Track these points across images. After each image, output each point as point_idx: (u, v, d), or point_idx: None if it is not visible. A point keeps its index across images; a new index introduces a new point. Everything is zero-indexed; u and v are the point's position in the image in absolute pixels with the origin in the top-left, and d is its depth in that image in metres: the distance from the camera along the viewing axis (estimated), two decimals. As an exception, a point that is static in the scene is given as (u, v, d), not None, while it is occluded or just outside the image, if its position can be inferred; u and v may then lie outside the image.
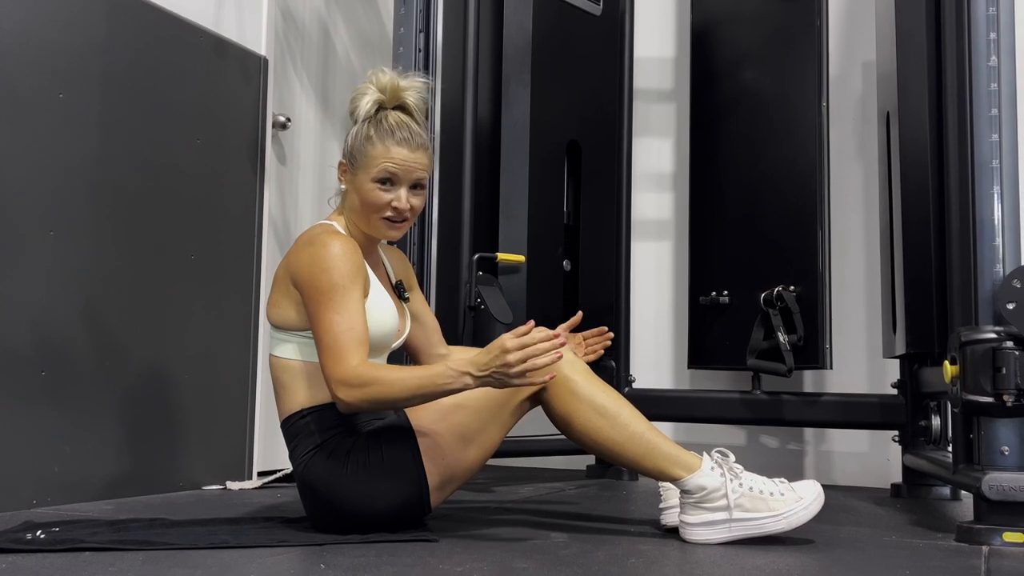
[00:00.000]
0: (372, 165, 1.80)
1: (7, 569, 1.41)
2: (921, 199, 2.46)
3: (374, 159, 1.80)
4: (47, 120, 2.16)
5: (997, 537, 1.80)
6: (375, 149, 1.80)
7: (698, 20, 3.13)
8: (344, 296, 1.70)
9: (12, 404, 2.06)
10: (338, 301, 1.70)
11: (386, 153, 1.79)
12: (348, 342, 1.68)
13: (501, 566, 1.49)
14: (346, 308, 1.70)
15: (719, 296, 2.97)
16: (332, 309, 1.70)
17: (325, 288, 1.70)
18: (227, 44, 2.69)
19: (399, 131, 1.81)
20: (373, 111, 1.84)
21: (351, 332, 1.69)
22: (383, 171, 1.79)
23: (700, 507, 1.75)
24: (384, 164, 1.79)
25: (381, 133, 1.81)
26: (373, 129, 1.82)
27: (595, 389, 1.78)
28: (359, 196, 1.82)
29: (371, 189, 1.80)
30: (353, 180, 1.84)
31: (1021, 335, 1.81)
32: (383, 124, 1.82)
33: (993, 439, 1.86)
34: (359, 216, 1.85)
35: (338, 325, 1.69)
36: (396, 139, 1.80)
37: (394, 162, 1.79)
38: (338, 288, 1.70)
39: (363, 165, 1.81)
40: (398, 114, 1.85)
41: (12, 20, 2.09)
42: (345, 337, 1.68)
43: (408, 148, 1.81)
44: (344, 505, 1.73)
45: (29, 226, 2.11)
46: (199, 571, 1.42)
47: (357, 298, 1.73)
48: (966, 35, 1.96)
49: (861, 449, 3.10)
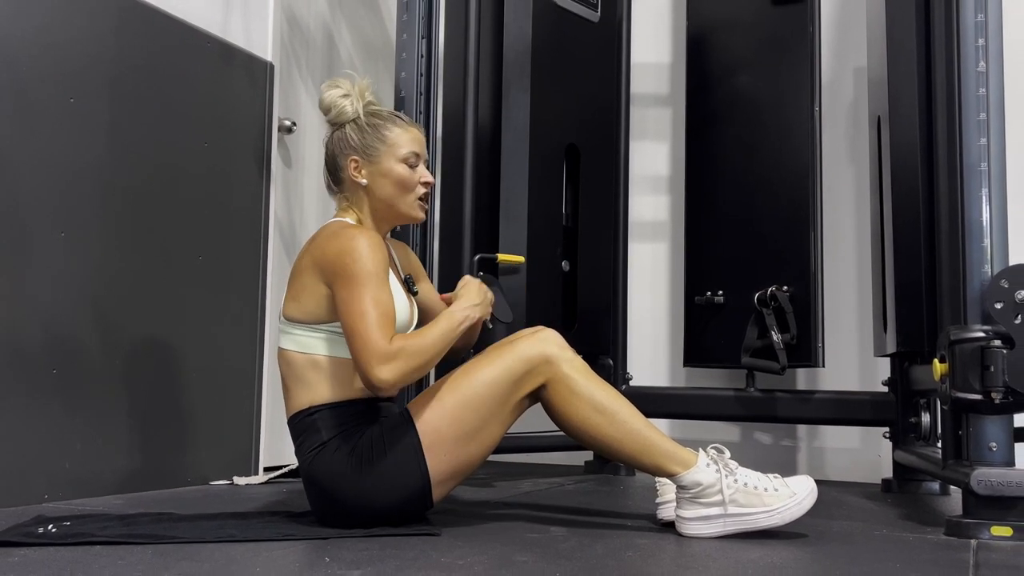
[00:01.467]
0: (398, 146, 1.88)
1: (19, 562, 1.41)
2: (911, 201, 2.46)
3: (395, 143, 1.88)
4: (58, 124, 2.16)
5: (985, 531, 1.80)
6: (391, 133, 1.89)
7: (694, 26, 3.13)
8: (377, 281, 1.73)
9: (24, 402, 2.06)
10: (374, 285, 1.72)
11: (405, 134, 1.90)
12: (380, 325, 1.70)
13: (502, 559, 1.49)
14: (380, 291, 1.73)
15: (714, 296, 2.97)
16: (367, 293, 1.71)
17: (361, 275, 1.72)
18: (234, 50, 2.69)
19: (398, 117, 1.93)
20: (360, 106, 1.90)
21: (385, 313, 1.72)
22: (410, 152, 1.88)
23: (696, 502, 1.75)
24: (409, 144, 1.89)
25: (387, 119, 1.92)
26: (376, 119, 1.91)
27: (593, 387, 1.78)
28: (390, 180, 1.88)
29: (402, 169, 1.88)
30: (377, 169, 1.88)
31: (1009, 334, 1.81)
32: (380, 114, 1.92)
33: (981, 435, 1.86)
34: (389, 202, 1.89)
35: (371, 311, 1.71)
36: (404, 122, 1.92)
37: (416, 141, 1.90)
38: (371, 275, 1.72)
39: (386, 151, 1.88)
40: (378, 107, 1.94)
41: (24, 26, 2.09)
42: (381, 318, 1.71)
43: (417, 128, 1.94)
44: (348, 500, 1.73)
45: (40, 227, 2.11)
46: (207, 564, 1.42)
47: (387, 287, 1.76)
48: (955, 41, 1.96)
49: (853, 445, 3.10)
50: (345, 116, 1.89)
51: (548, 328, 1.85)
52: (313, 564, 1.43)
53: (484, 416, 1.76)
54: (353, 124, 1.89)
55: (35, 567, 1.38)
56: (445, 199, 2.59)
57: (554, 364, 1.77)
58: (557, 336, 1.82)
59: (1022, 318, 1.81)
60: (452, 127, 2.61)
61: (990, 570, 1.49)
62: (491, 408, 1.76)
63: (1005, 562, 1.57)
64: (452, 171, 2.60)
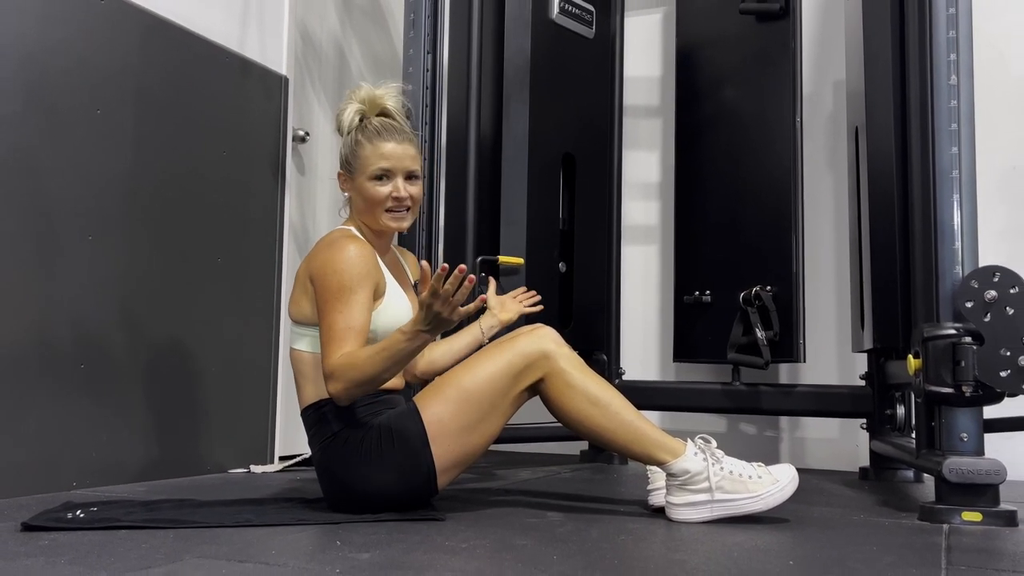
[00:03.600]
0: (366, 165, 1.83)
1: (49, 545, 1.41)
2: (887, 207, 2.46)
3: (367, 159, 1.83)
4: (86, 134, 2.16)
5: (956, 516, 1.81)
6: (365, 150, 1.84)
7: (682, 43, 3.13)
8: (349, 297, 1.71)
9: (54, 395, 2.06)
10: (344, 301, 1.70)
11: (376, 151, 1.83)
12: (342, 339, 1.68)
13: (502, 543, 1.49)
14: (348, 307, 1.70)
15: (702, 295, 2.97)
16: (336, 309, 1.70)
17: (334, 289, 1.71)
18: (251, 64, 2.69)
19: (384, 131, 1.85)
20: (357, 120, 1.87)
21: (347, 330, 1.69)
22: (377, 168, 1.82)
23: (684, 489, 1.75)
24: (377, 161, 1.82)
25: (368, 135, 1.85)
26: (361, 135, 1.86)
27: (588, 381, 1.78)
28: (361, 196, 1.85)
29: (370, 186, 1.83)
30: (352, 184, 1.87)
31: (978, 331, 1.81)
32: (368, 128, 1.87)
33: (953, 426, 1.86)
34: (366, 216, 1.87)
35: (337, 323, 1.69)
36: (383, 137, 1.84)
37: (385, 157, 1.82)
38: (344, 289, 1.71)
39: (359, 168, 1.85)
40: (381, 118, 1.88)
41: (53, 41, 2.09)
42: (341, 334, 1.68)
43: (395, 142, 1.84)
44: (358, 487, 1.73)
45: (69, 232, 2.11)
46: (225, 547, 1.42)
47: (361, 299, 1.72)
48: (928, 56, 1.96)
49: (832, 435, 3.10)
50: (341, 130, 1.89)
51: (546, 326, 1.84)
52: (325, 547, 1.43)
53: (486, 408, 1.75)
54: (347, 137, 1.88)
55: (64, 550, 1.38)
56: (449, 204, 2.59)
57: (551, 359, 1.77)
58: (554, 333, 1.82)
59: (991, 316, 1.81)
60: (456, 137, 2.60)
61: (961, 553, 1.49)
62: (492, 401, 1.76)
63: (975, 545, 1.57)
64: (455, 178, 2.60)
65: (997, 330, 1.80)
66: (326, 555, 1.37)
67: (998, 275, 1.81)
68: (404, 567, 1.28)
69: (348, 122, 1.87)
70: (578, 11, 2.93)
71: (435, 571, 1.26)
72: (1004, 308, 1.80)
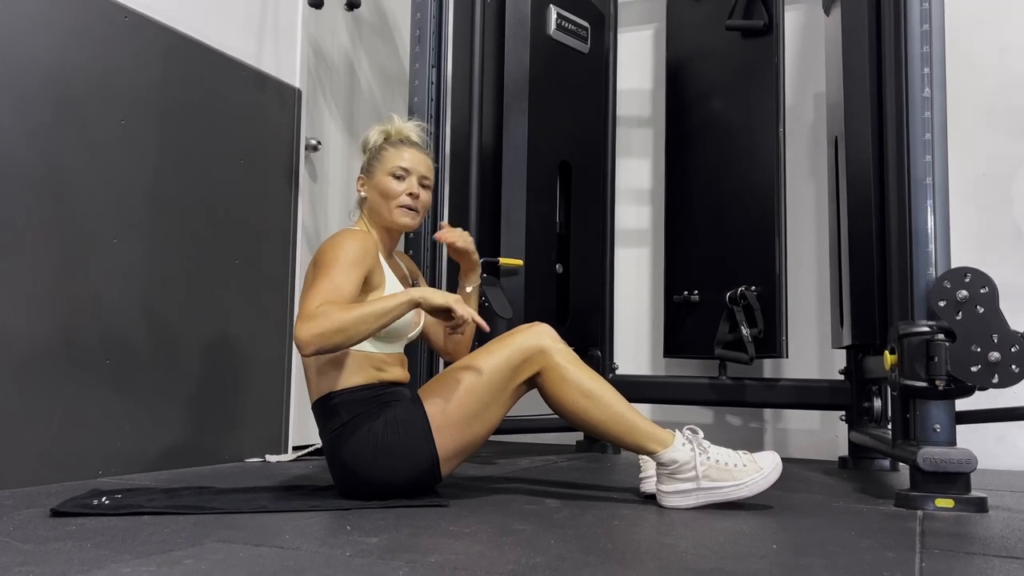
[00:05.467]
0: (387, 163, 1.89)
1: (77, 530, 1.41)
2: (865, 211, 2.46)
3: (387, 160, 1.90)
4: (111, 143, 2.17)
5: (930, 503, 1.81)
6: (387, 153, 1.91)
7: (672, 57, 3.13)
8: (340, 268, 1.68)
9: (82, 388, 2.06)
10: (334, 270, 1.68)
11: (397, 154, 1.90)
12: (327, 292, 1.64)
13: (503, 527, 1.49)
14: (337, 275, 1.67)
15: (690, 295, 2.97)
16: (325, 275, 1.68)
17: (329, 262, 1.70)
18: (266, 78, 2.69)
19: (407, 142, 1.93)
20: (381, 140, 1.94)
21: (334, 289, 1.65)
22: (396, 167, 1.88)
23: (673, 477, 1.75)
24: (398, 160, 1.88)
25: (392, 143, 1.93)
26: (384, 143, 1.94)
27: (582, 375, 1.78)
28: (378, 191, 1.89)
29: (387, 181, 1.88)
30: (370, 183, 1.91)
31: (951, 328, 1.81)
32: (391, 139, 1.94)
33: (927, 418, 1.86)
34: (379, 212, 1.89)
35: (323, 284, 1.66)
36: (405, 145, 1.92)
37: (404, 159, 1.89)
38: (337, 262, 1.69)
39: (379, 168, 1.90)
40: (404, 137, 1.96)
41: (80, 55, 2.09)
42: (325, 291, 1.65)
43: (416, 149, 1.92)
44: (367, 475, 1.73)
45: (96, 235, 2.11)
46: (242, 532, 1.42)
47: (352, 275, 1.69)
48: (903, 70, 1.96)
49: (813, 427, 3.10)
50: (366, 144, 1.95)
51: (543, 323, 1.84)
52: (336, 532, 1.43)
53: (486, 400, 1.76)
54: (369, 151, 1.94)
55: (90, 535, 1.38)
56: (453, 209, 2.59)
57: (548, 355, 1.77)
58: (551, 330, 1.82)
59: (962, 314, 1.81)
60: (459, 146, 2.61)
61: (934, 537, 1.49)
62: (492, 393, 1.76)
63: (947, 530, 1.57)
64: (459, 184, 2.60)
65: (968, 327, 1.80)
66: (337, 539, 1.37)
67: (969, 276, 1.81)
68: (411, 550, 1.28)
69: (373, 140, 1.94)
70: (574, 27, 2.93)
71: (440, 554, 1.26)
72: (975, 307, 1.81)
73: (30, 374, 1.94)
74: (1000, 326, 1.79)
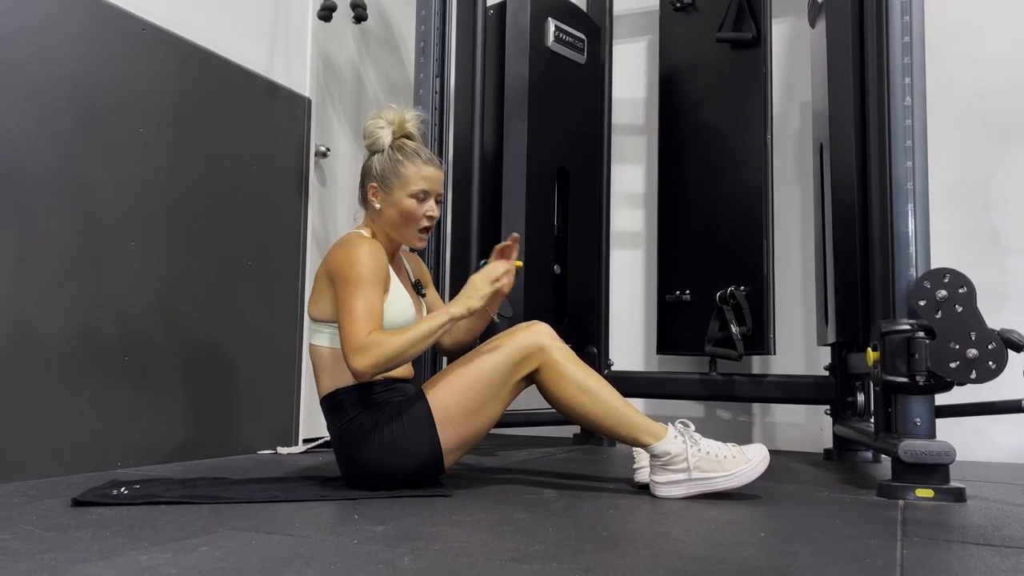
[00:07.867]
0: (409, 183, 1.83)
1: (96, 519, 1.42)
2: (848, 215, 2.46)
3: (409, 178, 1.83)
4: (129, 150, 2.17)
5: (911, 493, 1.81)
6: (407, 170, 1.83)
7: (665, 68, 3.13)
8: (367, 286, 1.70)
9: (101, 384, 2.06)
10: (363, 288, 1.69)
11: (419, 172, 1.84)
12: (366, 319, 1.67)
13: (503, 516, 1.49)
14: (367, 294, 1.69)
15: (682, 294, 2.97)
16: (356, 295, 1.69)
17: (353, 279, 1.70)
18: (277, 87, 2.69)
19: (422, 153, 1.86)
20: (391, 140, 1.86)
21: (370, 313, 1.68)
22: (419, 189, 1.83)
23: (666, 469, 1.75)
24: (419, 182, 1.83)
25: (408, 155, 1.85)
26: (399, 154, 1.85)
27: (579, 371, 1.78)
28: (397, 210, 1.84)
29: (410, 203, 1.83)
30: (388, 198, 1.84)
31: (931, 326, 1.81)
32: (405, 149, 1.86)
33: (908, 412, 1.86)
34: (393, 228, 1.86)
35: (359, 307, 1.68)
36: (423, 159, 1.85)
37: (427, 179, 1.84)
38: (363, 279, 1.70)
39: (399, 185, 1.83)
40: (414, 142, 1.87)
41: (100, 66, 2.09)
42: (364, 316, 1.67)
43: (434, 167, 1.87)
44: (373, 466, 1.74)
45: (115, 237, 2.12)
46: (255, 520, 1.42)
47: (377, 290, 1.72)
48: (885, 79, 1.96)
49: (799, 420, 3.10)
50: (378, 146, 1.87)
51: (542, 322, 1.85)
52: (344, 521, 1.43)
53: (487, 395, 1.76)
54: (381, 154, 1.87)
55: (110, 523, 1.38)
56: (455, 213, 2.59)
57: (546, 352, 1.77)
58: (549, 329, 1.82)
59: (942, 313, 1.81)
60: (461, 153, 2.61)
61: (915, 526, 1.49)
62: (493, 388, 1.76)
63: (927, 519, 1.57)
64: (462, 189, 2.60)
65: (947, 326, 1.80)
66: (345, 527, 1.37)
67: (948, 276, 1.82)
68: (415, 538, 1.28)
69: (385, 140, 1.86)
70: (571, 40, 2.93)
71: (443, 542, 1.26)
72: (954, 306, 1.81)
73: (53, 371, 1.94)
74: (978, 324, 1.79)
